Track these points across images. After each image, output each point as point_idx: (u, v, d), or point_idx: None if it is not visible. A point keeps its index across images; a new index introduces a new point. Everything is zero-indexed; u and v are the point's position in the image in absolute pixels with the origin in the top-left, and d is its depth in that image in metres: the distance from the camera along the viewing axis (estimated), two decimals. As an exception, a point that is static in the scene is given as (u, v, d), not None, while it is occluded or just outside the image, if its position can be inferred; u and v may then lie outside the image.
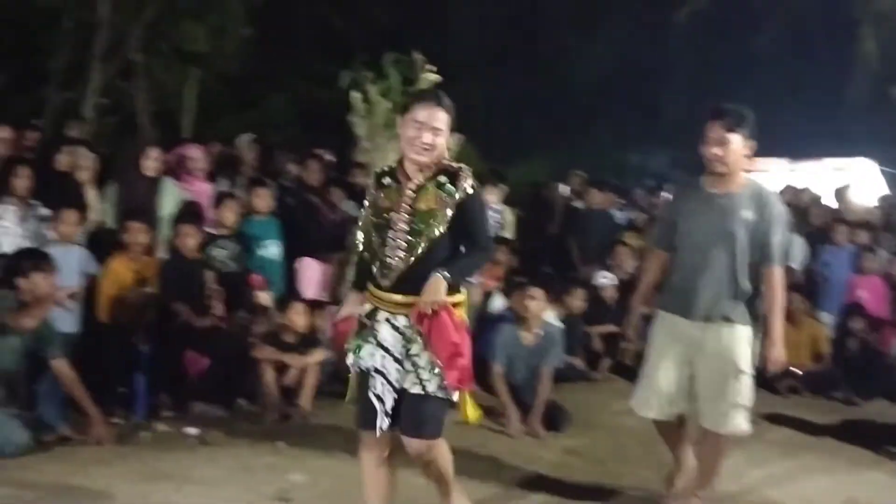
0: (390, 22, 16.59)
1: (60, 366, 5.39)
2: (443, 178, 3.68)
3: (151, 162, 6.89)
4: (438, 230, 3.64)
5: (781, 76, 17.91)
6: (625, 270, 8.66)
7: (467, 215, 3.68)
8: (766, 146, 4.71)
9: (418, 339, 3.64)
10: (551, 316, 7.32)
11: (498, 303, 7.87)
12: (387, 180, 3.78)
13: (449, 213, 3.65)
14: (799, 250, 9.09)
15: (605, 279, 8.54)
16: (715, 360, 4.44)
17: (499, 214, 8.17)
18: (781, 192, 10.34)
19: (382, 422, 3.69)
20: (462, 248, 3.72)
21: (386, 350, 3.69)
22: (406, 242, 3.64)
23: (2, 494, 4.54)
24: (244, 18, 11.67)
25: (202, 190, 7.37)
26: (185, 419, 6.07)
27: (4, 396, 5.79)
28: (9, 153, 6.87)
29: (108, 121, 11.54)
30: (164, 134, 11.48)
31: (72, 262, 6.10)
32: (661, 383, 4.56)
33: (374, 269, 3.72)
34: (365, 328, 3.79)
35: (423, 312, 3.56)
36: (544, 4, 19.26)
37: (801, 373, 8.06)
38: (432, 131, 3.62)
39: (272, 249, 7.36)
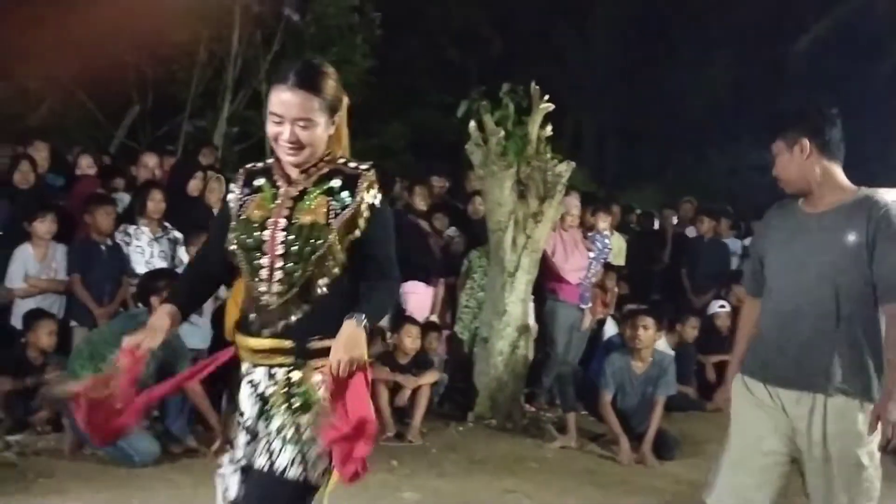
0: (504, 52, 16.72)
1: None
2: (335, 183, 2.64)
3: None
4: (325, 253, 2.58)
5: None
6: (739, 298, 8.45)
7: (369, 236, 2.64)
8: (889, 175, 4.48)
9: (280, 403, 2.60)
10: (663, 344, 7.21)
11: (610, 329, 7.79)
12: (260, 181, 2.69)
13: (335, 229, 2.58)
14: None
15: (720, 307, 8.36)
16: (827, 450, 3.10)
17: (609, 241, 8.09)
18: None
19: None
20: (361, 281, 2.66)
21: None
22: (282, 271, 2.58)
23: (133, 501, 4.72)
24: (365, 51, 11.91)
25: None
26: (303, 435, 6.20)
27: (136, 408, 6.04)
28: (147, 178, 7.19)
29: (236, 148, 11.95)
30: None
31: (203, 284, 6.27)
32: (744, 476, 3.23)
33: (243, 306, 2.73)
34: None
35: (334, 376, 2.45)
36: (656, 31, 19.08)
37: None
38: (295, 123, 2.54)
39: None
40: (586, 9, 19.00)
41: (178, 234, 6.55)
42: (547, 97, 7.17)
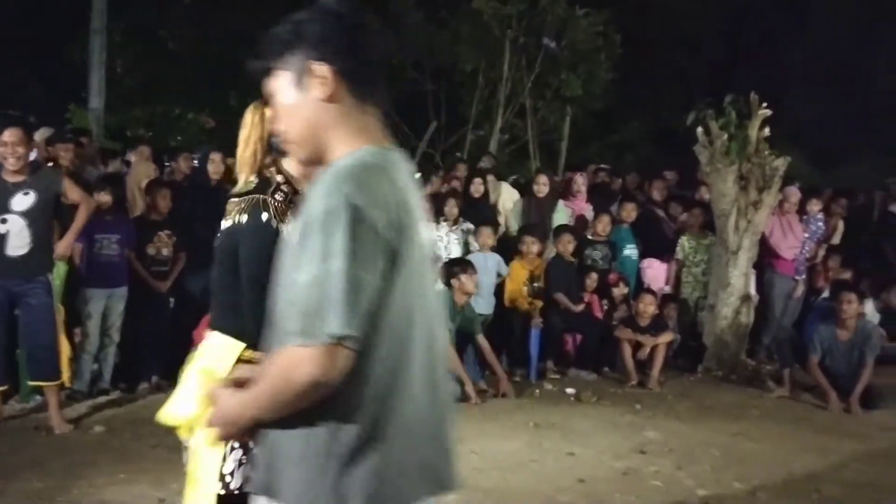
0: (726, 58, 15.97)
1: (480, 339, 5.99)
2: None
3: (541, 186, 7.31)
4: None
5: None
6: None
7: None
8: None
9: None
10: (871, 308, 6.80)
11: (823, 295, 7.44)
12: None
13: None
14: None
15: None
16: None
17: (821, 222, 7.69)
18: None
19: None
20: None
21: None
22: None
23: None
24: (608, 66, 11.86)
25: (582, 207, 7.61)
26: (565, 381, 6.44)
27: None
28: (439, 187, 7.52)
29: (507, 150, 12.35)
30: (547, 159, 12.05)
31: (489, 265, 6.58)
32: None
33: None
34: None
35: None
36: (870, 26, 17.23)
37: None
38: None
39: (631, 252, 7.46)
40: (804, 5, 17.51)
41: (469, 226, 6.89)
42: (765, 104, 6.89)
